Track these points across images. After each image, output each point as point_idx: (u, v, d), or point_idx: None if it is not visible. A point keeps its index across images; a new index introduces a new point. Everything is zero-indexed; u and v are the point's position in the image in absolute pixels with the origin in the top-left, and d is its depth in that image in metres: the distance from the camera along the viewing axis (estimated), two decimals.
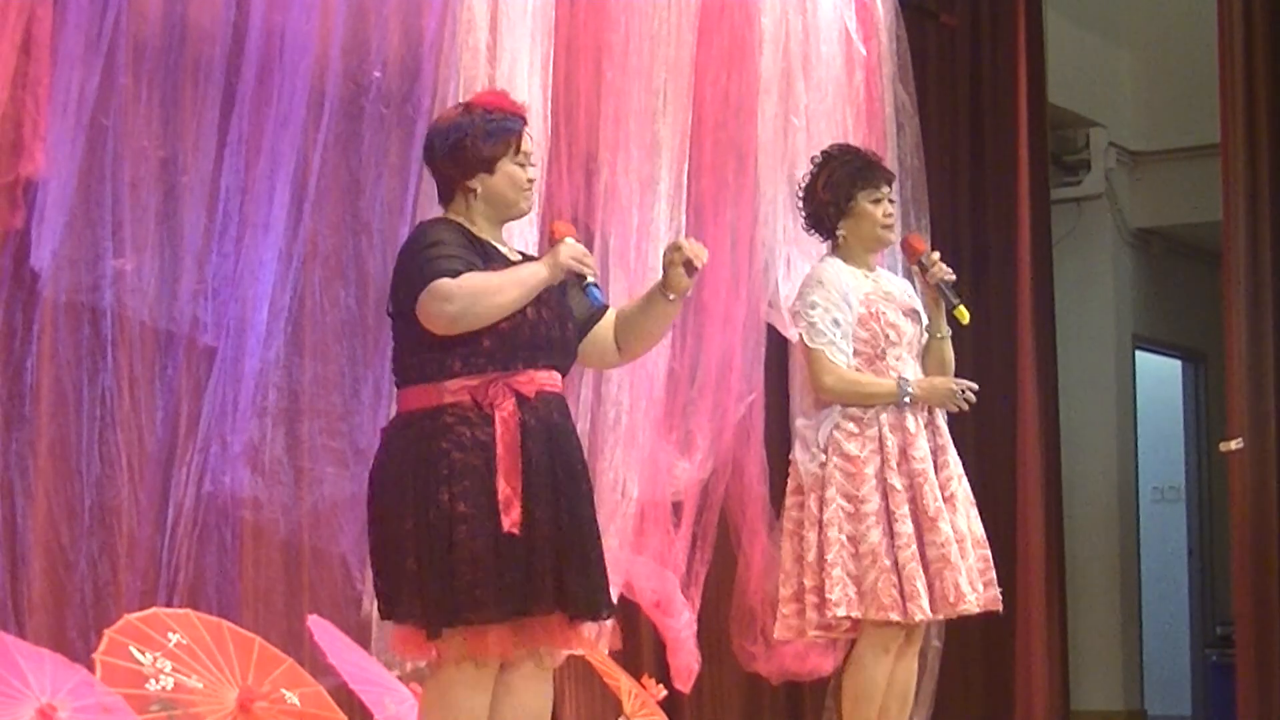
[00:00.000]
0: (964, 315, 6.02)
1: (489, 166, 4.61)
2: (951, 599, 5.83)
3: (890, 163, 7.79)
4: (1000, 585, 9.59)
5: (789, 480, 6.09)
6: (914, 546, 5.81)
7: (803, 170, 6.60)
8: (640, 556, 6.86)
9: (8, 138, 5.30)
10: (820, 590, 5.85)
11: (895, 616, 5.78)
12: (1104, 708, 11.01)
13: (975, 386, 6.03)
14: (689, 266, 4.67)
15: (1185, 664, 12.29)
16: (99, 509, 5.62)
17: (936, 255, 6.10)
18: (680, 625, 6.93)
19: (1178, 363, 12.54)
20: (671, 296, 4.72)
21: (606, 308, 4.78)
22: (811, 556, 5.88)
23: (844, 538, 5.83)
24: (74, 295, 5.58)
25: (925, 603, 5.78)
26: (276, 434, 5.99)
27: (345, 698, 5.69)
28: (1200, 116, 10.06)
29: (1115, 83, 11.51)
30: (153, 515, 5.73)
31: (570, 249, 4.57)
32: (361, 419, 6.15)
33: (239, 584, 5.95)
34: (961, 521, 5.95)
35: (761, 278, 7.26)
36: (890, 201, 6.11)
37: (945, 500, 5.92)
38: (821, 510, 5.87)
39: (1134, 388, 11.64)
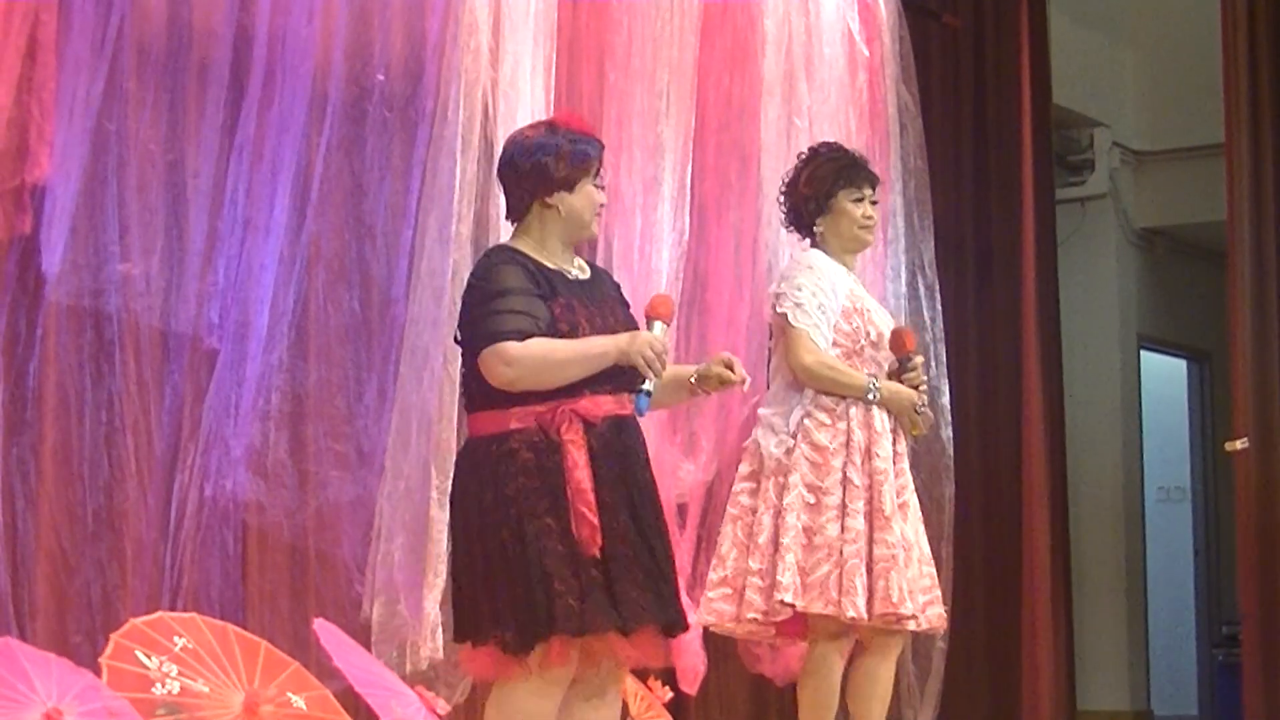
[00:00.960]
0: (917, 430, 6.05)
1: (570, 185, 4.66)
2: (895, 599, 5.76)
3: (894, 164, 7.79)
4: (1006, 585, 9.67)
5: (741, 464, 6.06)
6: (860, 544, 5.78)
7: None
8: None
9: (13, 142, 5.31)
10: (766, 574, 5.81)
11: (830, 610, 5.74)
12: (1110, 708, 11.01)
13: (932, 417, 6.12)
14: (724, 383, 4.83)
15: (1191, 664, 12.29)
16: (103, 513, 5.62)
17: (920, 361, 6.09)
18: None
19: (1183, 362, 12.53)
20: (699, 393, 4.91)
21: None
22: (763, 539, 5.84)
23: (800, 526, 5.80)
24: (79, 299, 5.58)
25: (860, 601, 5.73)
26: (280, 437, 5.99)
27: (351, 701, 5.68)
28: (1204, 116, 10.06)
29: (1119, 83, 11.51)
30: (157, 519, 5.73)
31: (649, 341, 4.59)
32: (365, 422, 6.15)
33: (244, 588, 5.95)
34: (910, 532, 5.93)
35: (765, 279, 7.25)
36: (872, 204, 6.09)
37: (899, 506, 5.90)
38: (781, 495, 5.85)
39: (1139, 387, 11.63)
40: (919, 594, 5.88)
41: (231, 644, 5.42)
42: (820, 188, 6.03)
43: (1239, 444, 8.84)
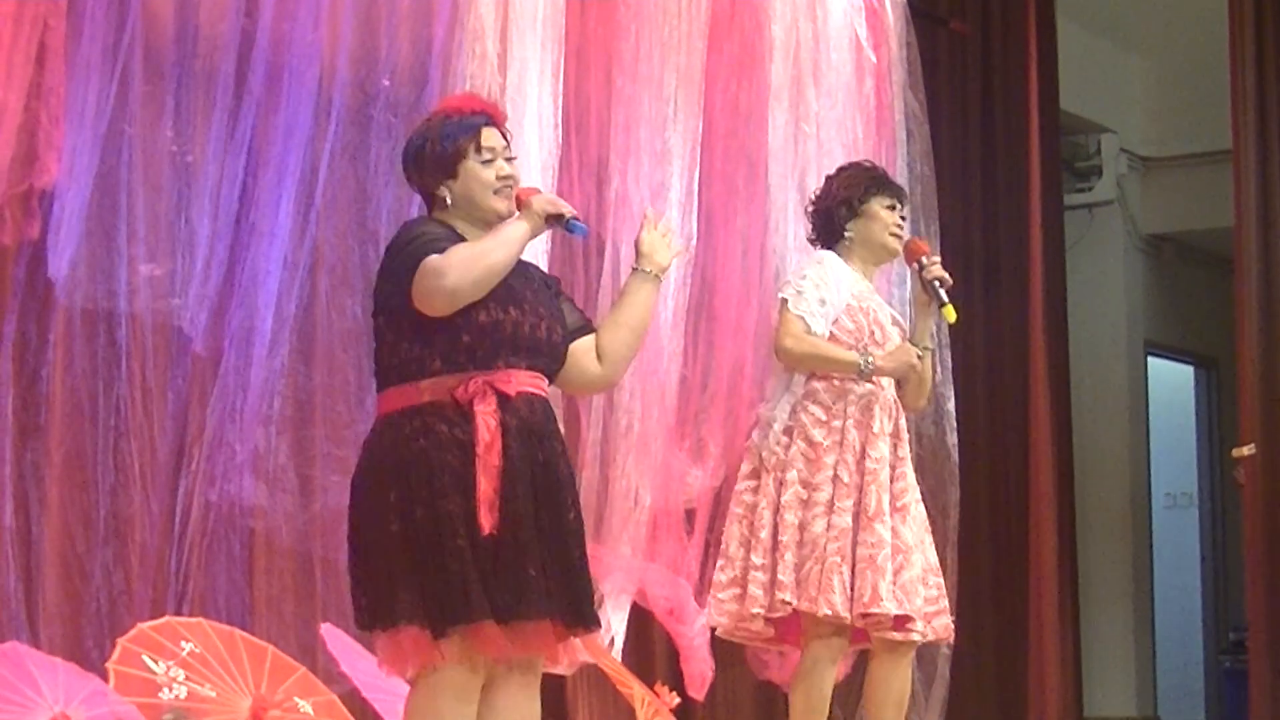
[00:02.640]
0: (951, 314, 6.05)
1: (450, 170, 4.49)
2: (866, 599, 5.74)
3: (900, 170, 7.79)
4: (1013, 591, 9.68)
5: (743, 463, 6.07)
6: (843, 542, 5.78)
7: (814, 177, 6.59)
8: (653, 564, 6.86)
9: (22, 148, 5.32)
10: (768, 569, 5.82)
11: (806, 606, 5.75)
12: (1117, 714, 11.00)
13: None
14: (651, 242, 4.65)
15: (1198, 670, 12.27)
16: (112, 518, 5.63)
17: (937, 258, 6.12)
18: (694, 633, 6.92)
19: (1190, 368, 12.52)
20: (649, 268, 4.65)
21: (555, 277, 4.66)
22: (765, 535, 5.85)
23: (795, 523, 5.83)
24: (87, 304, 5.60)
25: (837, 599, 5.73)
26: (284, 442, 5.99)
27: (358, 705, 5.69)
28: (1212, 122, 10.06)
29: (1127, 89, 11.51)
30: (164, 524, 5.74)
31: (542, 197, 4.50)
32: (363, 427, 6.14)
33: (250, 592, 5.96)
34: (910, 536, 5.90)
35: (773, 285, 7.25)
36: (901, 218, 6.13)
37: (896, 510, 5.90)
38: (780, 492, 5.87)
39: (1146, 393, 11.63)
40: (918, 600, 5.87)
41: (238, 649, 5.42)
42: (855, 191, 6.07)
43: (1246, 450, 8.84)
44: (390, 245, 4.51)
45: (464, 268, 4.31)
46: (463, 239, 4.46)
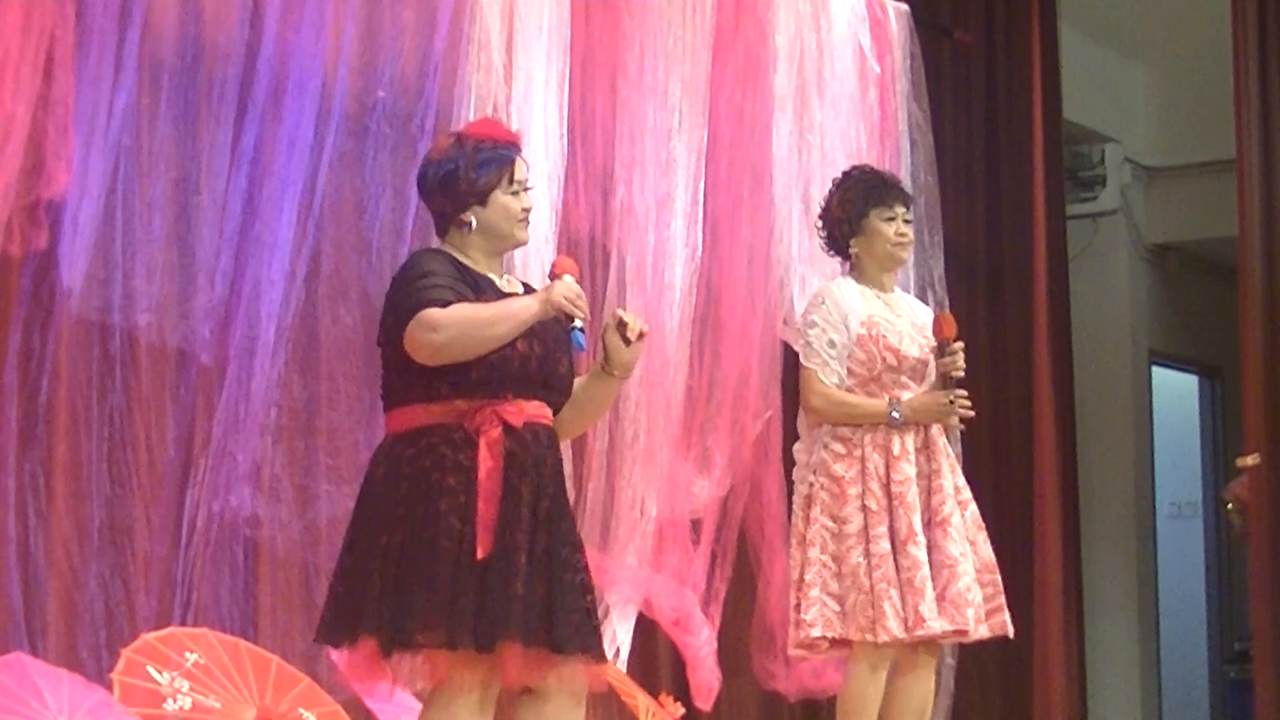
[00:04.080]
0: (954, 422, 6.04)
1: (482, 198, 4.53)
2: (911, 623, 5.78)
3: (904, 179, 7.79)
4: (1017, 602, 9.63)
5: (794, 496, 6.11)
6: (885, 568, 5.79)
7: (818, 187, 6.58)
8: (659, 575, 6.85)
9: (30, 159, 5.32)
10: (797, 609, 5.87)
11: (869, 638, 5.77)
12: None
13: (965, 393, 5.97)
14: (623, 335, 4.56)
15: (1203, 680, 12.26)
16: (116, 529, 5.63)
17: (960, 347, 6.04)
18: (700, 643, 6.92)
19: (1194, 378, 12.51)
20: (615, 372, 4.62)
21: (583, 351, 4.59)
22: (796, 575, 5.92)
23: (826, 558, 5.84)
24: (93, 315, 5.59)
25: (893, 624, 5.75)
26: (285, 453, 6.00)
27: (362, 715, 5.69)
28: (1215, 131, 10.05)
29: (1130, 98, 11.51)
30: (168, 534, 5.74)
31: (565, 288, 4.47)
32: (359, 437, 6.15)
33: (253, 603, 5.95)
34: (954, 547, 5.91)
35: (777, 295, 7.26)
36: (905, 221, 6.10)
37: (935, 524, 5.90)
38: (806, 529, 5.90)
39: (1150, 403, 11.62)
40: (969, 610, 5.89)
41: (243, 659, 5.42)
42: (851, 210, 6.05)
43: (1251, 460, 8.84)
44: (397, 276, 4.54)
45: (458, 331, 4.34)
46: (471, 273, 4.50)
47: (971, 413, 6.00)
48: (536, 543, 4.39)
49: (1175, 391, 12.26)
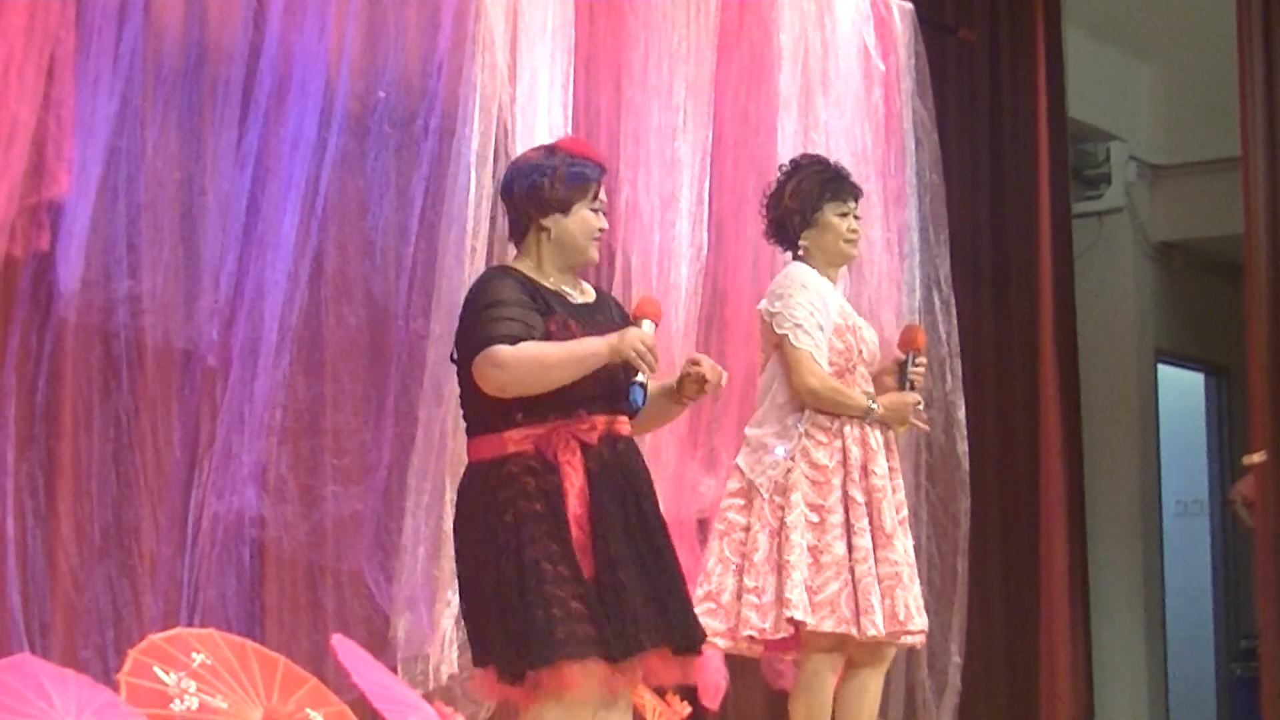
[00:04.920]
0: (904, 428, 6.02)
1: (565, 208, 4.60)
2: (901, 618, 5.76)
3: (909, 178, 7.81)
4: (1024, 599, 9.67)
5: (729, 480, 5.97)
6: (869, 562, 5.75)
7: None
8: None
9: (32, 160, 5.32)
10: (764, 591, 5.74)
11: (852, 631, 5.72)
12: None
13: (926, 423, 6.08)
14: (700, 383, 4.67)
15: (1209, 678, 12.26)
16: (118, 530, 5.63)
17: (923, 363, 6.06)
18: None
19: (1200, 376, 12.51)
20: (685, 402, 4.76)
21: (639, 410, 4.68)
22: (759, 557, 5.78)
23: (804, 545, 5.75)
24: (97, 317, 5.59)
25: (879, 618, 5.71)
26: (290, 453, 6.00)
27: (369, 716, 5.69)
28: (1221, 129, 10.04)
29: (1135, 96, 11.50)
30: (173, 535, 5.74)
31: (639, 337, 4.50)
32: (366, 437, 6.16)
33: (259, 603, 5.96)
34: (911, 547, 5.92)
35: None
36: (856, 217, 6.02)
37: (900, 523, 5.88)
38: (780, 515, 5.79)
39: (1156, 401, 11.62)
40: (919, 612, 5.89)
41: (250, 660, 5.42)
42: (807, 201, 5.95)
43: (1256, 458, 8.83)
44: (469, 298, 4.60)
45: (524, 372, 4.42)
46: (542, 291, 4.56)
47: (926, 427, 6.00)
48: (639, 549, 4.49)
49: (1181, 389, 12.25)
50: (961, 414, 7.71)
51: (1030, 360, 9.76)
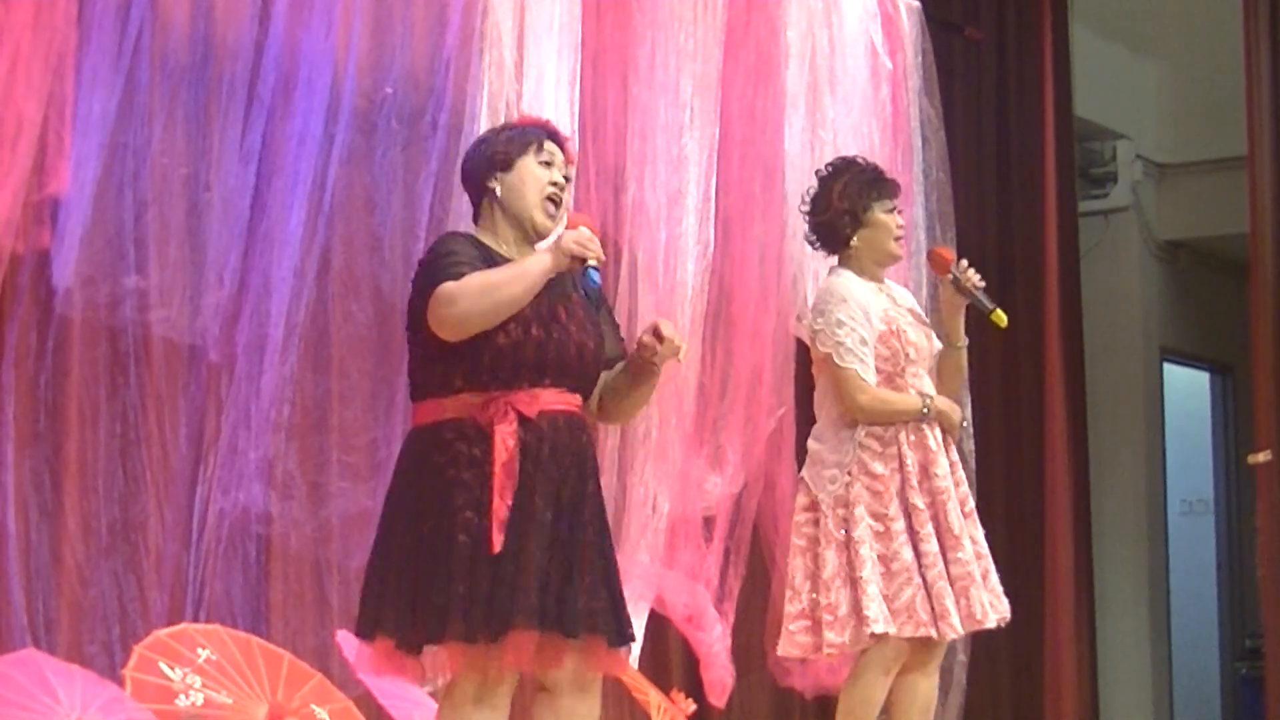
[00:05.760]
0: (1002, 319, 5.95)
1: (507, 165, 4.54)
2: (978, 616, 5.78)
3: (916, 176, 7.81)
4: (1029, 598, 9.65)
5: (799, 495, 5.96)
6: (940, 565, 5.75)
7: None
8: (671, 571, 6.85)
9: (36, 157, 5.31)
10: (838, 607, 5.73)
11: (931, 633, 5.71)
12: None
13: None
14: (650, 348, 4.54)
15: (1215, 677, 12.26)
16: (124, 525, 5.63)
17: (965, 263, 6.02)
18: (713, 639, 6.92)
19: (1206, 375, 12.51)
20: (646, 369, 4.61)
21: (600, 292, 4.57)
22: (829, 573, 5.76)
23: (874, 556, 5.74)
24: (101, 313, 5.60)
25: (956, 620, 5.73)
26: (297, 449, 6.00)
27: (374, 712, 5.69)
28: (1227, 128, 10.05)
29: (1142, 95, 11.50)
30: (179, 531, 5.74)
31: (574, 236, 4.44)
32: (379, 434, 6.16)
33: (266, 599, 5.96)
34: (981, 534, 5.93)
35: (789, 292, 7.26)
36: (900, 213, 6.02)
37: (966, 515, 5.88)
38: (846, 528, 5.77)
39: (1162, 400, 11.61)
40: (1003, 594, 5.93)
41: (255, 656, 5.43)
42: (856, 202, 5.92)
43: (1262, 457, 8.83)
44: (421, 260, 4.55)
45: (475, 298, 4.34)
46: (494, 257, 4.49)
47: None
48: (558, 531, 4.38)
49: (1187, 388, 12.25)
50: (968, 412, 7.70)
51: (1036, 358, 9.75)
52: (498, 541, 4.30)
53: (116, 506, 5.63)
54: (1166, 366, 11.72)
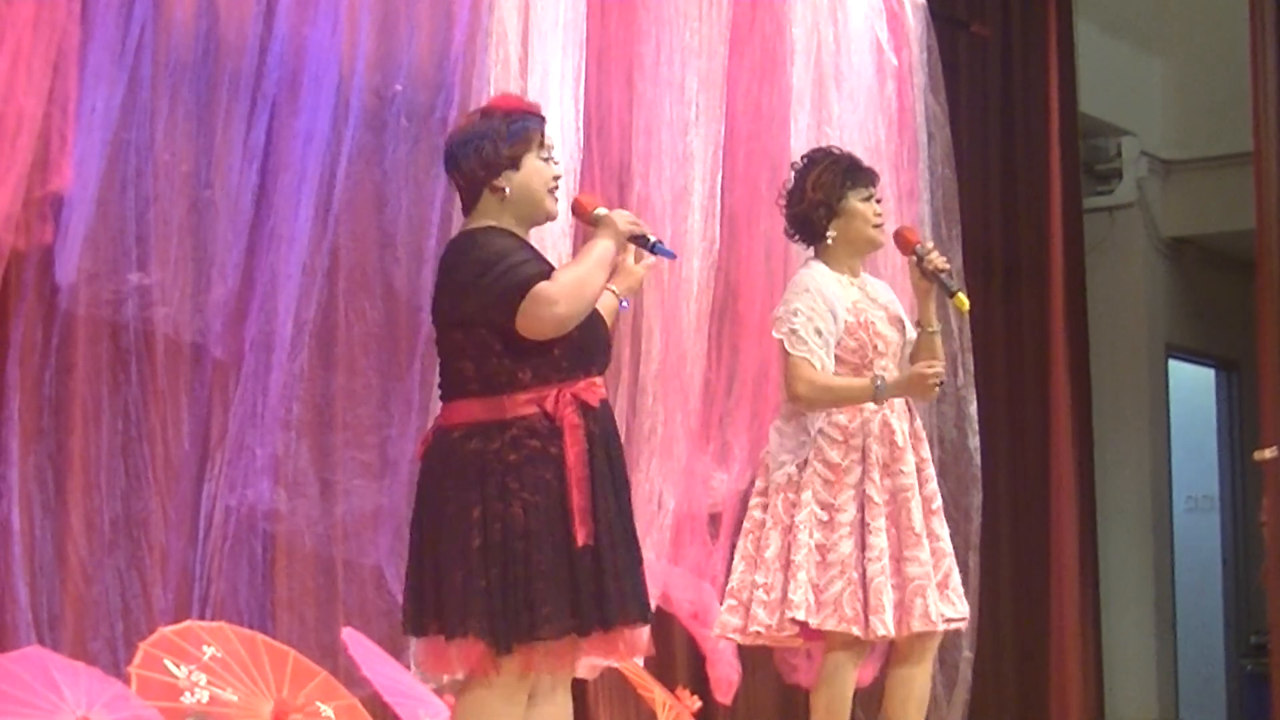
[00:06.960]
0: (963, 303, 5.84)
1: (515, 163, 4.55)
2: (933, 617, 5.69)
3: (921, 172, 7.80)
4: (1034, 594, 9.66)
5: (756, 479, 5.94)
6: (885, 560, 5.69)
7: None
8: (677, 568, 6.85)
9: (37, 153, 5.31)
10: (773, 589, 5.71)
11: (855, 630, 5.67)
12: (1138, 717, 10.98)
13: (942, 369, 5.81)
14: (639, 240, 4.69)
15: (1220, 673, 12.25)
16: (128, 522, 5.63)
17: (931, 244, 5.97)
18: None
19: (1211, 371, 12.50)
20: (618, 289, 4.78)
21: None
22: (770, 554, 5.74)
23: (813, 543, 5.70)
24: (106, 310, 5.59)
25: (889, 618, 5.65)
26: (305, 447, 6.00)
27: (379, 709, 5.69)
28: (1232, 124, 10.04)
29: (1147, 91, 11.49)
30: (185, 528, 5.74)
31: (623, 215, 4.62)
32: (390, 431, 6.15)
33: (271, 596, 5.96)
34: (946, 533, 5.87)
35: None
36: (878, 201, 5.97)
37: (931, 512, 5.83)
38: (791, 512, 5.74)
39: (1167, 397, 11.61)
40: (964, 593, 5.88)
41: (260, 653, 5.42)
42: (830, 191, 5.86)
43: (1267, 453, 8.81)
44: (460, 261, 4.51)
45: (574, 296, 4.43)
46: (530, 247, 4.55)
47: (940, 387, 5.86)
48: (615, 520, 4.46)
49: (1192, 385, 12.25)
50: (973, 409, 7.70)
51: (1041, 355, 9.75)
52: (582, 536, 4.36)
53: (120, 503, 5.62)
54: (1172, 363, 11.72)
